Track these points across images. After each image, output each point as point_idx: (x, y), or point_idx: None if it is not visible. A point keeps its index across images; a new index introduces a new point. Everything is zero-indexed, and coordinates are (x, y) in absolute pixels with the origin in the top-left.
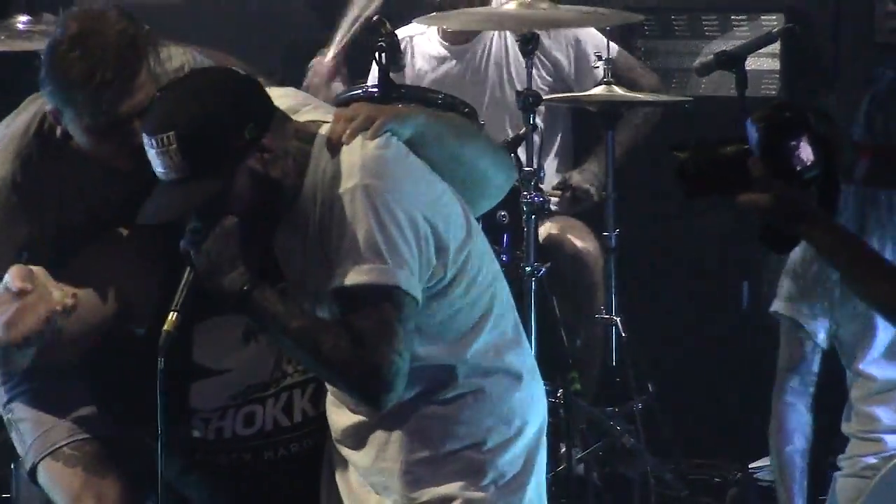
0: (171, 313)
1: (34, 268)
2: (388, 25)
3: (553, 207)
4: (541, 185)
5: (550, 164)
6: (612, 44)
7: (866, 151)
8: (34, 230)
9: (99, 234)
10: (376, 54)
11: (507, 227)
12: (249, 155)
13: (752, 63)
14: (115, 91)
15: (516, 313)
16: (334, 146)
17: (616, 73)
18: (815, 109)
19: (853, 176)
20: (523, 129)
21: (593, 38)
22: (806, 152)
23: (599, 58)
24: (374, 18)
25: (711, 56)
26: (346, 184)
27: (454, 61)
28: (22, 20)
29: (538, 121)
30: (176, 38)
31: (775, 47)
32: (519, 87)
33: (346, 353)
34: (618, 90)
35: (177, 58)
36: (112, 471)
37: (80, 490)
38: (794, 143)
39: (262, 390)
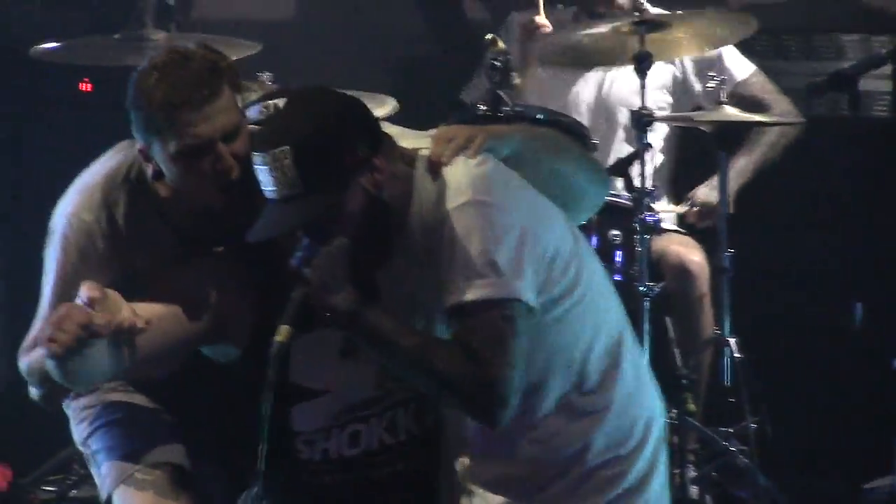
0: (283, 326)
1: (108, 290)
2: (500, 44)
3: (665, 225)
4: (653, 205)
5: (662, 184)
6: (749, 64)
7: None
8: (115, 277)
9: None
10: (490, 72)
11: (619, 245)
12: (362, 173)
13: (863, 84)
14: (194, 111)
15: (627, 319)
16: (437, 168)
17: (745, 94)
18: None
19: None
20: (636, 148)
21: (730, 57)
22: None
23: (713, 77)
24: (489, 37)
25: (824, 77)
26: (454, 202)
27: (571, 79)
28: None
29: (651, 139)
30: (287, 53)
31: (887, 68)
32: (632, 107)
33: (461, 369)
34: (731, 111)
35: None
36: (182, 495)
37: None
38: None
39: (365, 409)
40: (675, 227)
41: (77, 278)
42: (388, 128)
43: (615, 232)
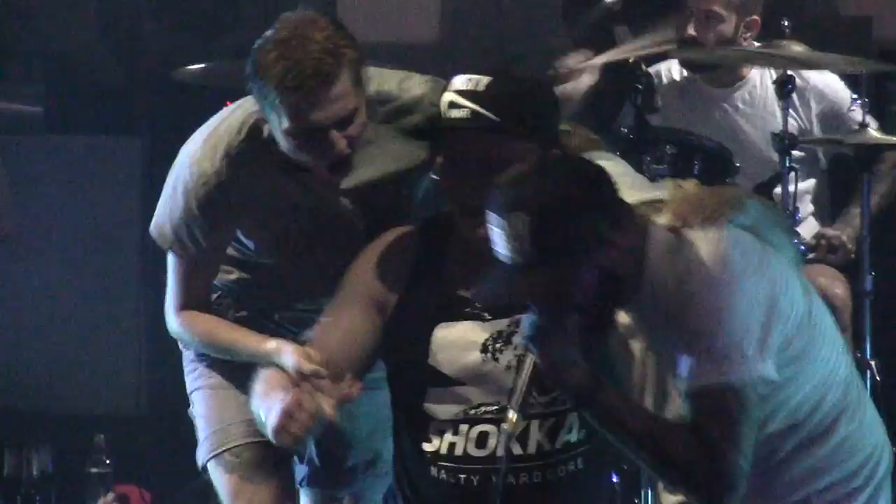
0: (511, 412)
1: (314, 352)
2: (644, 67)
3: (809, 255)
4: (797, 229)
5: (806, 209)
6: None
7: None
8: (231, 228)
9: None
10: (632, 96)
11: None
12: (597, 248)
13: None
14: (308, 97)
15: (851, 359)
16: (675, 240)
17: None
18: None
19: None
20: (778, 172)
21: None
22: None
23: (855, 101)
24: (631, 60)
25: None
26: (698, 282)
27: (710, 101)
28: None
29: (794, 164)
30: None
31: None
32: (773, 130)
33: (691, 455)
34: (874, 133)
35: (418, 86)
36: (266, 479)
37: (233, 495)
38: None
39: (498, 412)
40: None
41: (196, 228)
42: (611, 167)
43: None
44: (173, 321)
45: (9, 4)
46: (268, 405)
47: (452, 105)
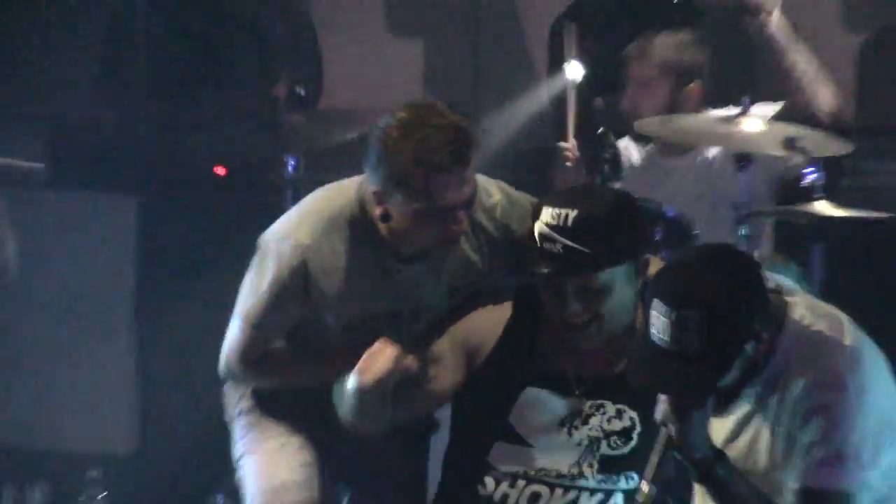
0: (645, 484)
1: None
2: (611, 137)
3: None
4: None
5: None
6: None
7: None
8: (316, 301)
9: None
10: (599, 165)
11: None
12: (751, 345)
13: None
14: (447, 178)
15: None
16: (811, 343)
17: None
18: None
19: None
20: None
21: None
22: None
23: (809, 173)
24: (600, 130)
25: None
26: (828, 389)
27: (668, 171)
28: None
29: (746, 232)
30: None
31: None
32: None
33: None
34: (825, 204)
35: (495, 194)
36: None
37: None
38: None
39: (555, 477)
40: None
41: (285, 296)
42: None
43: None
44: (238, 369)
45: (13, 64)
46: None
47: (544, 238)
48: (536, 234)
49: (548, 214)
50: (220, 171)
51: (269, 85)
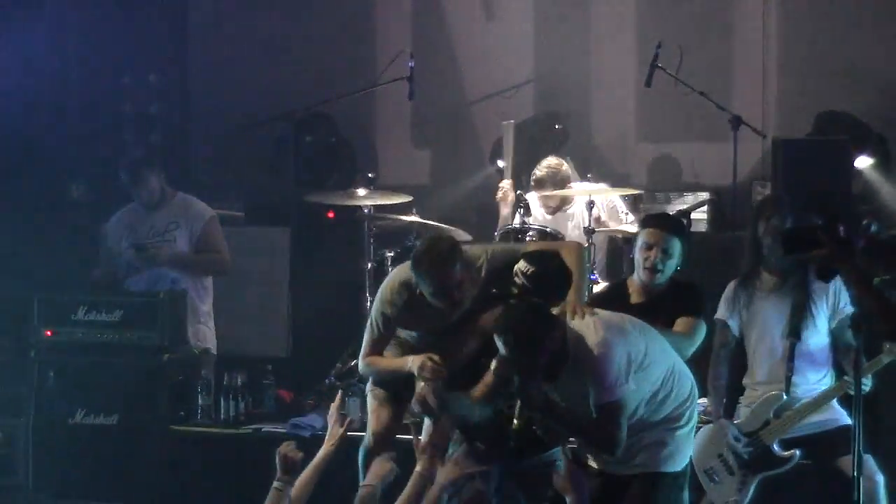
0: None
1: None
2: (528, 267)
3: None
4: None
5: None
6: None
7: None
8: (399, 325)
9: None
10: (520, 209)
11: None
12: (557, 345)
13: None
14: (438, 278)
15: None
16: (577, 332)
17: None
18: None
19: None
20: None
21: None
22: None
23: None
24: (518, 193)
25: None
26: (592, 346)
27: (550, 219)
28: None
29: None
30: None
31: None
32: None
33: (597, 433)
34: (632, 226)
35: (479, 256)
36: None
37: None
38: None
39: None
40: None
41: (388, 317)
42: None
43: None
44: (362, 364)
45: None
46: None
47: (517, 275)
48: (517, 270)
49: (522, 264)
50: (331, 214)
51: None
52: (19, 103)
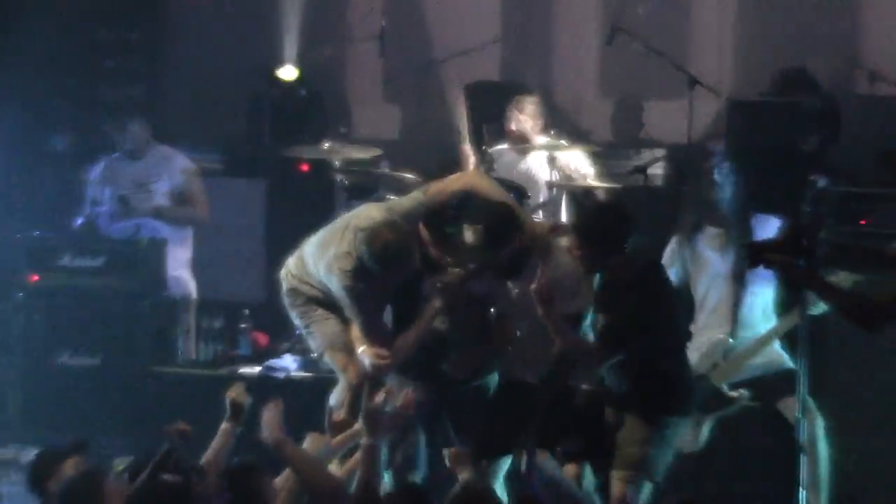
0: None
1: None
2: (488, 151)
3: None
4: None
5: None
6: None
7: None
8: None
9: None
10: (484, 165)
11: None
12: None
13: None
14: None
15: None
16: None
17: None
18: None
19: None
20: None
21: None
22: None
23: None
24: (483, 149)
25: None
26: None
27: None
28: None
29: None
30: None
31: None
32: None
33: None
34: (591, 181)
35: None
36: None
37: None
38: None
39: None
40: None
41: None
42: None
43: None
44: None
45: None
46: None
47: None
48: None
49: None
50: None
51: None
52: None
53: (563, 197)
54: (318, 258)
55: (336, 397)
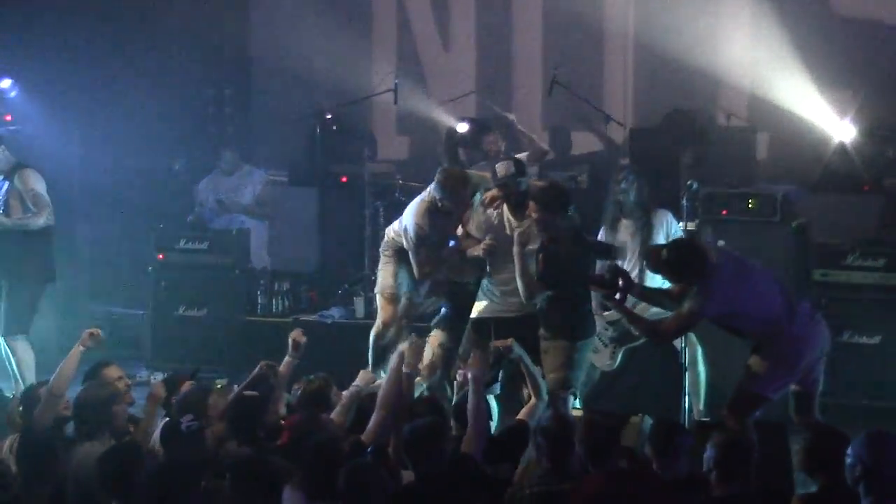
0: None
1: None
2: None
3: None
4: None
5: None
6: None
7: None
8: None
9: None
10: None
11: None
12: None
13: None
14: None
15: None
16: None
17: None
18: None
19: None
20: None
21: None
22: (623, 283)
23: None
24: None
25: None
26: None
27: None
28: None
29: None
30: None
31: None
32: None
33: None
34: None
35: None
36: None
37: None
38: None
39: None
40: None
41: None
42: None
43: None
44: (424, 272)
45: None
46: None
47: None
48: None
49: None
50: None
51: None
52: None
53: None
54: (405, 216)
55: (374, 332)
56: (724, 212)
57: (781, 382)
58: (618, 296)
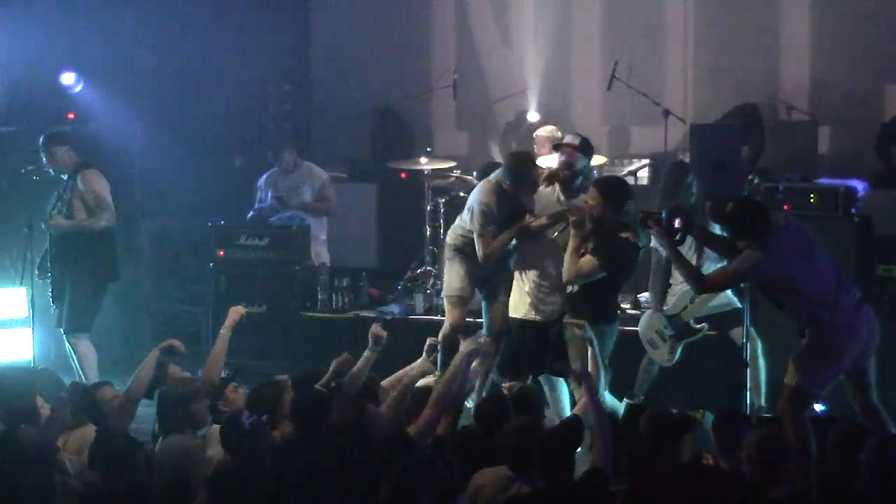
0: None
1: None
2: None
3: None
4: None
5: None
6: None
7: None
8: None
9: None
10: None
11: None
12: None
13: None
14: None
15: None
16: None
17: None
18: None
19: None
20: None
21: None
22: (679, 223)
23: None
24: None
25: None
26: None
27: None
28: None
29: None
30: None
31: None
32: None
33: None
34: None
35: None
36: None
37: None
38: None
39: None
40: None
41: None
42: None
43: None
44: (488, 251)
45: None
46: None
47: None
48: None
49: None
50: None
51: None
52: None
53: None
54: (470, 198)
55: (441, 334)
56: (785, 206)
57: (824, 376)
58: (677, 236)
